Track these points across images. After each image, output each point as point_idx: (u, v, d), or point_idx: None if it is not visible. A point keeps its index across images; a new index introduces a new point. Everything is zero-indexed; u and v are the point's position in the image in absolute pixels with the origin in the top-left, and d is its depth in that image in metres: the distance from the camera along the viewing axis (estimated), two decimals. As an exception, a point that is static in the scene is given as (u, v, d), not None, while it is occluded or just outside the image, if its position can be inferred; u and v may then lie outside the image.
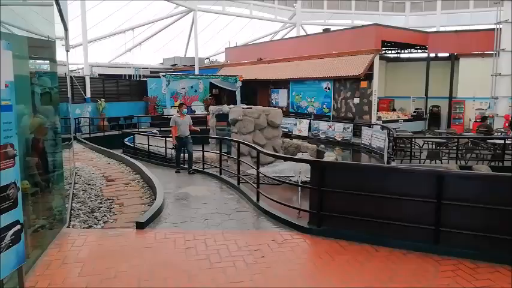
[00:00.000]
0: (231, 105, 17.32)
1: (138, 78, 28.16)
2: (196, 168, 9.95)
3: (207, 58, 34.55)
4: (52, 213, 5.20)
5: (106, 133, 18.73)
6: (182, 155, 10.19)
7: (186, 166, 10.02)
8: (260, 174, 6.81)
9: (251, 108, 15.12)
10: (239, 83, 24.40)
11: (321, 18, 34.41)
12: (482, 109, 18.27)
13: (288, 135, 18.84)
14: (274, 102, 24.40)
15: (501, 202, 4.27)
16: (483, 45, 19.09)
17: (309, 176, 5.72)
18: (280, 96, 24.19)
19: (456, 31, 22.61)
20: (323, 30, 26.28)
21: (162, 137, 13.04)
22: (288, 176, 10.52)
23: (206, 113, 17.70)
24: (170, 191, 7.58)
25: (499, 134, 14.50)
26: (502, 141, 11.71)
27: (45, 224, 4.84)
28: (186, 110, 10.29)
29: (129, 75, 28.75)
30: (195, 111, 23.52)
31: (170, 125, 9.98)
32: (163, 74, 23.25)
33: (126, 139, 14.97)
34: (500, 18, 16.84)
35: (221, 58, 34.61)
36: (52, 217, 5.15)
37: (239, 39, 34.05)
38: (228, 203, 6.84)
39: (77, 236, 5.01)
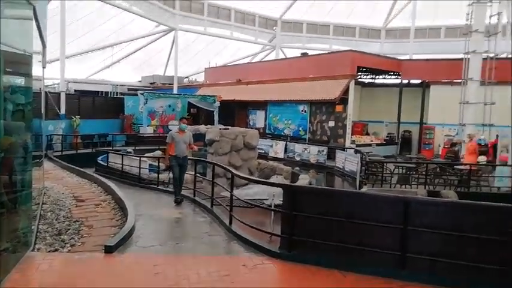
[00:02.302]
0: (209, 126, 17.39)
1: (115, 96, 27.94)
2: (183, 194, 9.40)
3: (187, 77, 34.70)
4: (17, 236, 5.05)
5: (79, 151, 18.36)
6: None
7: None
8: (234, 197, 6.84)
9: (228, 129, 15.22)
10: (217, 103, 24.55)
11: (299, 41, 35.24)
12: (451, 135, 18.96)
13: (264, 156, 18.98)
14: (251, 123, 24.62)
15: (463, 229, 4.45)
16: (452, 73, 19.87)
17: (282, 200, 5.79)
18: (258, 118, 24.44)
19: (427, 59, 23.65)
20: (301, 54, 26.94)
21: (136, 156, 12.92)
22: (261, 199, 10.58)
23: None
24: (142, 213, 7.49)
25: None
26: (468, 168, 12.17)
27: (9, 247, 4.69)
28: (186, 125, 9.16)
29: (106, 92, 28.49)
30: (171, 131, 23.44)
31: (166, 141, 8.86)
32: (142, 92, 23.20)
33: (99, 158, 14.73)
34: (469, 48, 17.68)
35: (200, 78, 34.82)
36: (17, 240, 5.00)
37: (219, 60, 34.40)
38: (200, 226, 6.81)
39: (42, 260, 4.88)
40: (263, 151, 19.52)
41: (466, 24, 17.69)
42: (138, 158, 12.07)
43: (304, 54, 26.25)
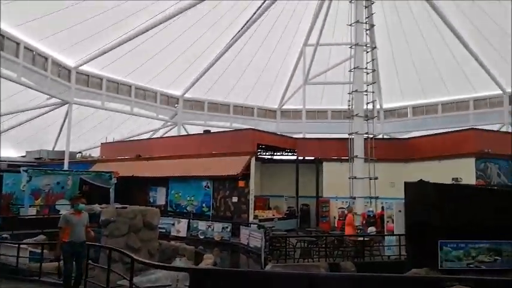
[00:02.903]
0: (104, 205, 16.11)
1: (-9, 172, 24.64)
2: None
3: (80, 152, 32.48)
4: None
5: None
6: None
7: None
8: (133, 285, 6.17)
9: (126, 207, 14.22)
10: (114, 180, 23.11)
11: (201, 119, 36.17)
12: (344, 208, 20.41)
13: (165, 236, 17.94)
14: (152, 201, 23.52)
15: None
16: (341, 151, 21.93)
17: (187, 284, 5.41)
18: (159, 195, 23.52)
19: (319, 138, 26.05)
20: (204, 131, 27.51)
21: (14, 243, 11.15)
22: (164, 285, 9.76)
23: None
24: (17, 314, 6.26)
25: (358, 231, 16.17)
26: (361, 238, 13.05)
27: None
28: (84, 205, 8.07)
29: (-21, 169, 25.04)
30: (59, 211, 21.08)
31: (59, 226, 7.55)
32: (25, 168, 20.81)
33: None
34: (352, 130, 19.97)
35: (96, 153, 32.89)
36: None
37: (117, 135, 33.19)
38: (91, 325, 5.90)
39: None
40: (164, 230, 18.49)
41: (349, 108, 20.21)
42: (17, 245, 10.42)
43: (206, 132, 26.84)
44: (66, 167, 26.16)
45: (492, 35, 24.63)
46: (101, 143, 31.96)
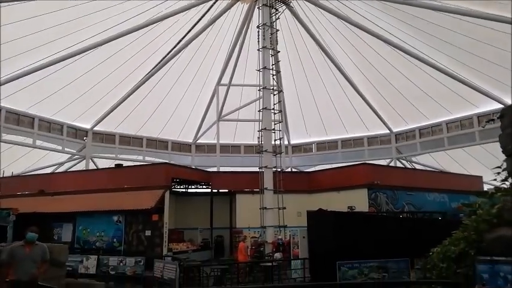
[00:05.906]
0: (2, 244, 14.93)
1: None
2: None
3: (-30, 188, 29.15)
4: None
5: None
6: None
7: None
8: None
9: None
10: (13, 217, 21.28)
11: (112, 152, 35.05)
12: (256, 237, 21.50)
13: (72, 274, 17.04)
14: (56, 238, 22.08)
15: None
16: (252, 183, 23.18)
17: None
18: (65, 231, 22.20)
19: (232, 172, 27.18)
20: (115, 165, 26.90)
21: None
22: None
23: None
24: None
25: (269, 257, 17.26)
26: (270, 264, 14.12)
27: None
28: (36, 234, 6.40)
29: None
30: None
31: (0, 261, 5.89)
32: None
33: None
34: (262, 164, 21.48)
35: (-10, 189, 29.79)
36: None
37: (17, 168, 30.59)
38: None
39: None
40: (71, 268, 17.54)
41: (259, 144, 21.81)
42: None
43: (118, 166, 26.31)
44: (-48, 204, 23.38)
45: (379, 84, 28.84)
46: (-3, 178, 29.17)
